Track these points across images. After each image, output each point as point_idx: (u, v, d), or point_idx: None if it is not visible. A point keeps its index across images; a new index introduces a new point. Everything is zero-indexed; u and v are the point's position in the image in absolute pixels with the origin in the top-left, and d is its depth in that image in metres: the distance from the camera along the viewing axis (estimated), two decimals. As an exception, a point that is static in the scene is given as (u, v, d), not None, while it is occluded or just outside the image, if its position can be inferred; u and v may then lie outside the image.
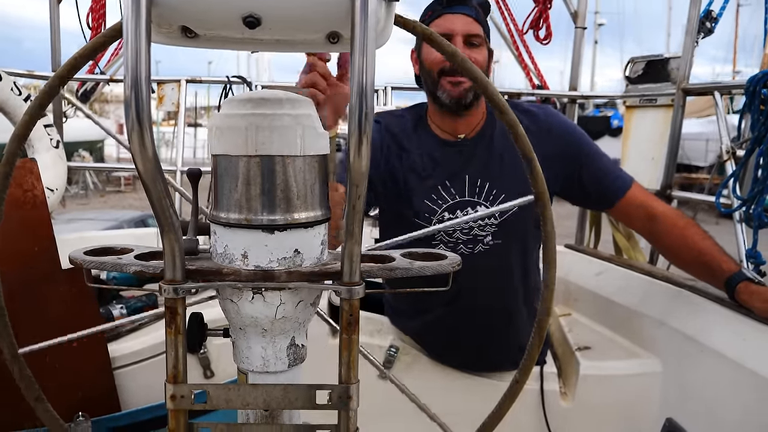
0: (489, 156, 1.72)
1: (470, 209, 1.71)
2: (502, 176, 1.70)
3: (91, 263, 0.71)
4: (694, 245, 1.64)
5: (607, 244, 2.74)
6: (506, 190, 1.69)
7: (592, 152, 1.75)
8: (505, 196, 1.69)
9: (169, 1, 0.52)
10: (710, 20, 2.39)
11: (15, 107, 2.22)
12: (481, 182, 1.70)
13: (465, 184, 1.71)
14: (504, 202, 1.68)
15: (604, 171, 1.74)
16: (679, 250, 1.69)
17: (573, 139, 1.75)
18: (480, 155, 1.72)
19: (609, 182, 1.74)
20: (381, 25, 0.57)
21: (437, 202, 1.72)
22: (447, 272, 0.72)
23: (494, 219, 1.70)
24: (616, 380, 1.83)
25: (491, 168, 1.71)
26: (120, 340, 1.69)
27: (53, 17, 2.81)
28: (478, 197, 1.71)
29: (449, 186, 1.71)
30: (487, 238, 1.72)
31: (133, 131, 0.50)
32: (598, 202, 1.85)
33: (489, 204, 1.70)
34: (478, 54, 1.64)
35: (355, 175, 0.54)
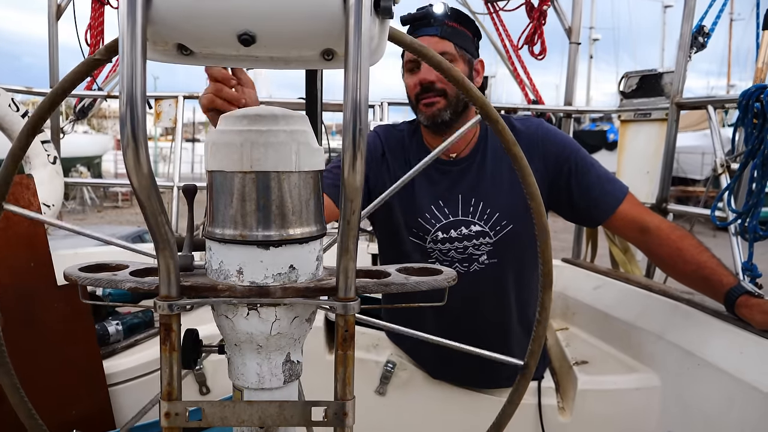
0: (482, 175, 1.71)
1: (464, 228, 1.69)
2: (496, 195, 1.69)
3: (86, 280, 0.71)
4: (691, 258, 1.62)
5: (604, 258, 2.75)
6: (500, 209, 1.68)
7: (584, 164, 1.71)
8: (500, 215, 1.67)
9: (164, 19, 0.53)
10: (702, 35, 2.42)
11: (12, 123, 2.22)
12: (474, 201, 1.69)
13: (458, 204, 1.70)
14: (499, 220, 1.68)
15: (594, 184, 1.70)
16: (674, 263, 1.66)
17: (563, 149, 1.71)
18: (473, 174, 1.71)
19: (599, 196, 1.70)
20: (375, 42, 0.57)
21: (431, 221, 1.71)
22: (442, 287, 0.72)
23: (489, 238, 1.69)
24: (614, 395, 1.82)
25: (484, 187, 1.69)
26: (115, 356, 1.68)
27: (52, 34, 2.82)
28: (472, 216, 1.69)
29: (442, 205, 1.70)
30: (483, 257, 1.71)
31: (128, 148, 0.50)
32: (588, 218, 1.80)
33: (483, 223, 1.69)
34: None
35: (350, 190, 0.54)
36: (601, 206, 1.70)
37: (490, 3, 3.40)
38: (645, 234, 1.69)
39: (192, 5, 0.52)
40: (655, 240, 1.67)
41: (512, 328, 1.81)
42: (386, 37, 0.61)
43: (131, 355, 1.71)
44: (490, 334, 1.78)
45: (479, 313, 1.75)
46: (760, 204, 1.80)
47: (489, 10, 3.42)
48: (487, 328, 1.78)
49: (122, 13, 0.49)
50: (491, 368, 1.81)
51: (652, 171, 2.61)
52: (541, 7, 3.06)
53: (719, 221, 2.01)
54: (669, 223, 1.75)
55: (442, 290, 0.73)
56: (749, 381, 1.46)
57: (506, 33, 3.34)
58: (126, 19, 0.49)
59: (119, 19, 0.49)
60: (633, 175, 2.73)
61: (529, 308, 1.82)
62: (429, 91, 1.64)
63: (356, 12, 0.50)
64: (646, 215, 1.71)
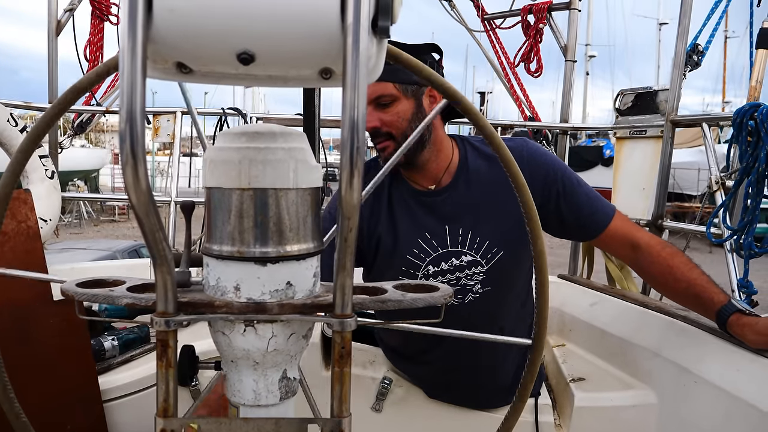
0: (466, 202, 1.65)
1: (455, 259, 1.65)
2: (483, 222, 1.64)
3: (83, 295, 0.71)
4: (681, 276, 1.61)
5: (600, 274, 2.75)
6: (489, 237, 1.64)
7: (571, 183, 1.67)
8: (489, 243, 1.63)
9: (164, 38, 0.53)
10: (697, 53, 2.45)
11: (11, 138, 2.23)
12: (462, 231, 1.64)
13: (446, 235, 1.65)
14: (489, 248, 1.63)
15: (584, 203, 1.67)
16: (665, 280, 1.65)
17: (550, 170, 1.66)
18: (457, 203, 1.66)
19: (589, 215, 1.67)
20: (372, 62, 0.58)
21: (420, 256, 1.66)
22: (439, 304, 0.72)
23: (481, 267, 1.65)
24: (611, 412, 1.82)
25: (470, 215, 1.65)
26: (110, 372, 1.68)
27: (51, 49, 2.84)
28: (461, 246, 1.65)
29: (430, 238, 1.65)
30: (476, 286, 1.66)
31: (127, 165, 0.51)
32: (578, 235, 1.79)
33: (474, 252, 1.64)
34: (386, 114, 1.57)
35: (347, 207, 0.54)
36: (591, 224, 1.68)
37: (487, 21, 3.45)
38: (636, 251, 1.67)
39: (192, 24, 0.53)
40: (646, 257, 1.66)
41: (511, 353, 1.80)
42: (384, 56, 0.62)
43: (127, 371, 1.70)
44: (487, 359, 1.77)
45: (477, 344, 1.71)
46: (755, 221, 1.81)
47: (486, 28, 3.46)
48: (485, 354, 1.76)
49: (123, 31, 0.49)
50: (487, 391, 1.81)
51: (648, 188, 2.62)
52: (537, 25, 3.10)
53: (715, 238, 2.02)
54: (659, 239, 1.73)
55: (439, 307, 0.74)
56: (746, 398, 1.46)
57: (503, 50, 3.38)
58: (126, 37, 0.49)
59: (119, 36, 0.50)
60: (629, 192, 2.74)
61: (527, 324, 1.81)
62: (377, 136, 1.60)
63: (354, 32, 0.51)
64: (636, 231, 1.69)
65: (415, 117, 1.58)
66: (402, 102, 1.57)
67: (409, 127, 1.57)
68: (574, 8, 3.06)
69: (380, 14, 0.54)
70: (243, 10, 0.52)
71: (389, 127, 1.57)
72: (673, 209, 14.56)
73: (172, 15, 0.52)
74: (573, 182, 1.68)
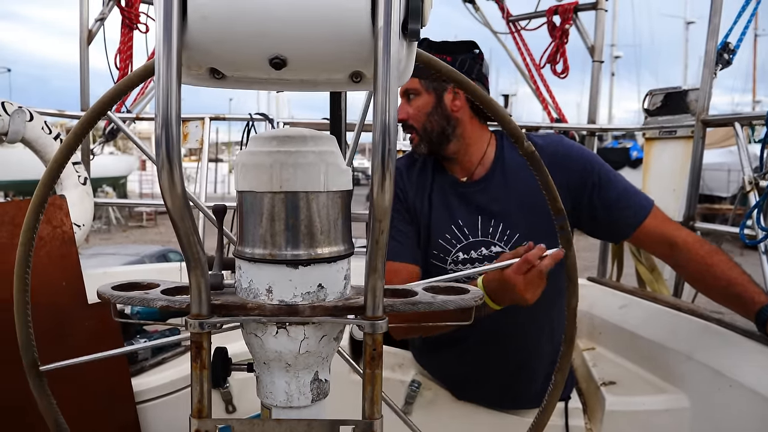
0: (500, 195, 1.69)
1: (484, 249, 1.68)
2: (515, 215, 1.67)
3: (119, 298, 0.72)
4: (721, 275, 1.58)
5: (630, 277, 2.71)
6: (521, 230, 1.66)
7: (607, 179, 1.67)
8: (520, 236, 1.65)
9: (198, 45, 0.54)
10: (728, 52, 2.40)
11: (45, 146, 2.28)
12: (494, 222, 1.68)
13: (478, 225, 1.69)
14: (519, 241, 1.65)
15: (620, 195, 1.66)
16: (704, 278, 1.63)
17: (587, 164, 1.68)
18: (491, 195, 1.69)
19: (625, 207, 1.66)
20: (403, 65, 0.58)
21: (451, 241, 1.70)
22: (470, 306, 0.72)
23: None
24: (643, 416, 1.79)
25: (503, 207, 1.68)
26: (144, 374, 1.70)
27: (83, 58, 2.90)
28: (491, 237, 1.68)
29: (462, 225, 1.70)
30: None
31: (163, 169, 0.52)
32: (613, 233, 1.78)
33: (503, 244, 1.67)
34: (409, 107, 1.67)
35: (378, 210, 0.54)
36: (625, 220, 1.67)
37: (512, 23, 3.43)
38: (673, 249, 1.65)
39: (225, 30, 0.53)
40: (683, 255, 1.63)
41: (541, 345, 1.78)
42: (413, 58, 0.62)
43: (159, 373, 1.72)
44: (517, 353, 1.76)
45: (505, 335, 1.72)
46: (790, 221, 1.77)
47: (511, 30, 3.44)
48: (514, 349, 1.75)
49: (158, 38, 0.50)
50: (518, 389, 1.79)
51: (678, 189, 2.58)
52: (563, 25, 3.07)
53: (748, 239, 1.97)
54: (697, 237, 1.71)
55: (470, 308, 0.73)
56: None
57: (528, 52, 3.35)
58: (162, 44, 0.50)
59: (156, 44, 0.51)
60: (659, 193, 2.69)
61: (557, 326, 1.79)
62: (405, 129, 1.71)
63: (385, 35, 0.51)
64: (673, 230, 1.67)
65: (434, 111, 1.67)
66: (423, 96, 1.67)
67: (427, 121, 1.66)
68: (600, 8, 3.03)
69: (410, 17, 0.54)
70: (275, 15, 0.53)
71: (414, 120, 1.67)
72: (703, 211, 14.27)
73: (206, 22, 0.53)
74: (610, 177, 1.68)
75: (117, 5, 2.91)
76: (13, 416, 1.35)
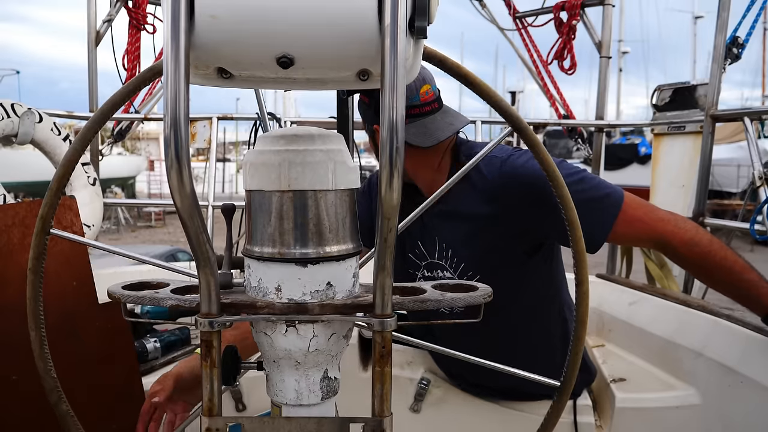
0: (453, 218, 1.59)
1: (439, 271, 1.64)
2: (463, 242, 1.58)
3: (130, 297, 0.73)
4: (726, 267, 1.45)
5: (639, 274, 2.70)
6: (465, 260, 1.58)
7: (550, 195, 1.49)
8: (465, 266, 1.58)
9: (206, 45, 0.54)
10: (737, 46, 2.38)
11: (54, 147, 2.29)
12: (446, 246, 1.61)
13: (435, 246, 1.63)
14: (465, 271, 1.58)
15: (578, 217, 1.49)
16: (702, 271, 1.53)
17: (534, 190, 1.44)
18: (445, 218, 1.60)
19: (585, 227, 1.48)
20: (410, 62, 0.58)
21: (416, 260, 1.68)
22: (479, 303, 0.72)
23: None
24: (653, 413, 1.78)
25: (453, 232, 1.59)
26: (153, 373, 1.71)
27: (91, 59, 2.92)
28: (444, 261, 1.62)
29: (422, 245, 1.66)
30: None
31: (172, 169, 0.52)
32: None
33: (452, 271, 1.60)
34: None
35: (387, 208, 0.54)
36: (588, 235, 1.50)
37: (519, 19, 3.42)
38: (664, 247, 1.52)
39: (233, 30, 0.54)
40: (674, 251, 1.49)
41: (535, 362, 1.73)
42: (420, 56, 0.62)
43: (169, 372, 1.73)
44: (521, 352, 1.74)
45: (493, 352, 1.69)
46: (801, 217, 1.76)
47: (518, 26, 3.43)
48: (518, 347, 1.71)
49: (166, 39, 0.50)
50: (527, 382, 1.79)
51: (688, 185, 2.57)
52: (570, 21, 3.06)
53: (759, 235, 1.96)
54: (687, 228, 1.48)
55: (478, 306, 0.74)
56: None
57: (535, 48, 3.34)
58: (170, 44, 0.50)
59: (164, 44, 0.51)
60: (668, 189, 2.69)
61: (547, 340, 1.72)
62: None
63: (392, 33, 0.51)
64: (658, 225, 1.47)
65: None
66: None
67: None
68: (608, 4, 3.02)
69: (417, 15, 0.54)
70: (282, 15, 0.53)
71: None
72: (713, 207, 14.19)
73: (214, 21, 0.53)
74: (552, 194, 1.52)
75: (124, 6, 2.93)
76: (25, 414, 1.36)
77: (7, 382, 1.34)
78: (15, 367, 1.34)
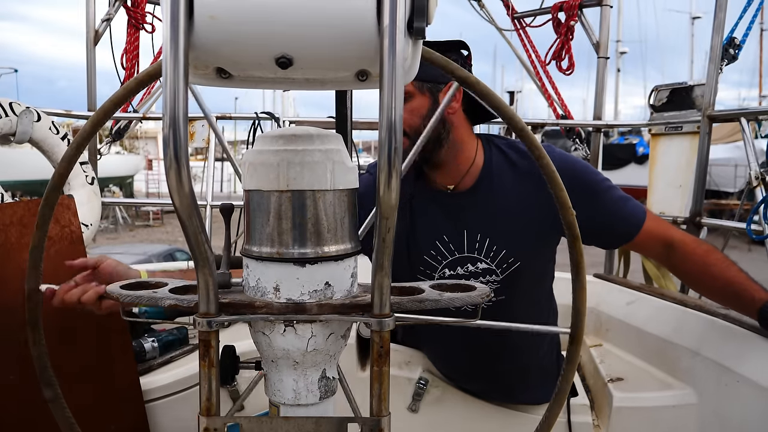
0: (487, 209, 1.60)
1: (470, 265, 1.61)
2: (502, 231, 1.59)
3: (128, 297, 0.73)
4: (720, 273, 1.56)
5: (637, 273, 2.70)
6: (507, 246, 1.58)
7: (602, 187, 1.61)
8: (506, 252, 1.58)
9: (205, 45, 0.55)
10: (733, 47, 2.39)
11: (53, 146, 2.29)
12: (480, 237, 1.59)
13: (464, 240, 1.61)
14: (506, 258, 1.59)
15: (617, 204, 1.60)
16: (702, 277, 1.61)
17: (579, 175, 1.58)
18: (478, 208, 1.60)
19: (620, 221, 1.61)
20: (408, 63, 0.59)
21: (437, 258, 1.63)
22: (477, 303, 0.72)
23: (496, 276, 1.61)
24: (650, 412, 1.79)
25: (490, 222, 1.59)
26: (151, 373, 1.71)
27: (90, 58, 2.91)
28: (478, 253, 1.60)
29: (447, 241, 1.62)
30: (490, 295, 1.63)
31: (170, 169, 0.52)
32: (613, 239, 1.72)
33: (490, 260, 1.60)
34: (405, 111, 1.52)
35: (385, 208, 0.55)
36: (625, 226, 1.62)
37: (517, 19, 3.42)
38: (670, 249, 1.62)
39: (232, 30, 0.54)
40: (680, 255, 1.61)
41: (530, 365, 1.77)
42: (419, 56, 0.63)
43: (167, 372, 1.73)
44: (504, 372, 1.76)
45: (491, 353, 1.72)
46: (798, 217, 1.76)
47: (516, 27, 3.43)
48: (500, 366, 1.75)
49: (165, 38, 0.51)
50: (525, 384, 1.80)
51: (685, 185, 2.57)
52: (568, 22, 3.06)
53: (755, 234, 1.97)
54: (693, 237, 1.69)
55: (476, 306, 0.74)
56: None
57: (533, 49, 3.35)
58: (169, 44, 0.51)
59: (163, 44, 0.51)
60: (665, 189, 2.69)
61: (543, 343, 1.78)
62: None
63: (390, 33, 0.51)
64: (669, 230, 1.64)
65: (430, 114, 1.53)
66: (417, 98, 1.54)
67: (422, 124, 1.53)
68: (605, 4, 3.02)
69: (416, 15, 0.55)
70: (281, 15, 0.53)
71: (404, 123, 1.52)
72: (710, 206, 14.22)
73: (213, 22, 0.53)
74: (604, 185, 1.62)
75: (123, 5, 2.92)
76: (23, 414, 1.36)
77: (5, 381, 1.34)
78: (13, 367, 1.34)
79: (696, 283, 1.69)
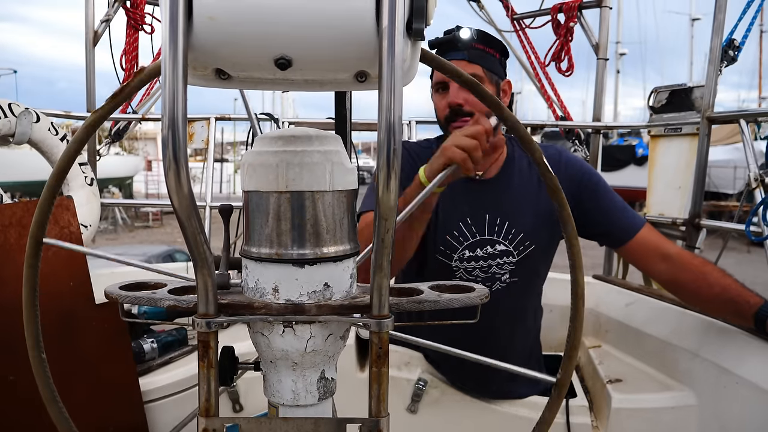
0: (508, 194, 1.73)
1: (489, 247, 1.71)
2: (521, 215, 1.71)
3: (127, 298, 0.73)
4: (715, 281, 1.61)
5: (636, 274, 2.70)
6: (524, 229, 1.71)
7: (605, 188, 1.76)
8: (523, 235, 1.70)
9: (204, 46, 0.55)
10: (733, 49, 2.39)
11: (52, 147, 2.29)
12: (500, 221, 1.71)
13: (485, 222, 1.71)
14: (523, 240, 1.71)
15: (617, 208, 1.74)
16: (699, 287, 1.64)
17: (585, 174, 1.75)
18: (500, 194, 1.73)
19: (619, 219, 1.73)
20: (407, 64, 0.59)
21: (458, 239, 1.72)
22: (476, 304, 0.72)
23: (512, 257, 1.72)
24: (649, 413, 1.79)
25: (510, 207, 1.72)
26: (150, 374, 1.71)
27: (89, 59, 2.92)
28: (497, 235, 1.71)
29: (470, 224, 1.72)
30: (505, 275, 1.73)
31: (170, 170, 0.52)
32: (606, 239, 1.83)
33: (508, 243, 1.71)
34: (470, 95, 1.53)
35: (384, 209, 0.55)
36: (623, 226, 1.72)
37: (517, 21, 3.42)
38: (667, 260, 1.68)
39: (231, 31, 0.54)
40: (677, 265, 1.67)
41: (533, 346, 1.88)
42: (418, 58, 0.62)
43: (166, 373, 1.73)
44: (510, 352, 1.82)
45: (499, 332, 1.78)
46: (796, 218, 1.76)
47: (515, 28, 3.43)
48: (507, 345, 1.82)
49: (164, 39, 0.51)
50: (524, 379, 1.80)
51: (684, 186, 2.57)
52: (567, 23, 3.06)
53: (754, 236, 1.97)
54: (688, 251, 1.80)
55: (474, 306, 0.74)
56: None
57: (533, 50, 3.35)
58: (168, 45, 0.51)
59: (162, 45, 0.51)
60: (664, 191, 2.69)
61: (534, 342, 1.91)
62: (457, 114, 1.64)
63: (389, 35, 0.51)
64: (666, 242, 1.73)
65: None
66: (486, 86, 1.64)
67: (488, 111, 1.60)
68: (605, 6, 3.02)
69: (415, 17, 0.55)
70: (280, 16, 0.53)
71: (471, 106, 1.63)
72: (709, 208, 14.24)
73: (212, 23, 0.53)
74: (608, 189, 1.77)
75: (122, 6, 2.92)
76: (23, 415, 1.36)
77: (4, 382, 1.34)
78: (12, 367, 1.34)
79: (693, 294, 1.71)
